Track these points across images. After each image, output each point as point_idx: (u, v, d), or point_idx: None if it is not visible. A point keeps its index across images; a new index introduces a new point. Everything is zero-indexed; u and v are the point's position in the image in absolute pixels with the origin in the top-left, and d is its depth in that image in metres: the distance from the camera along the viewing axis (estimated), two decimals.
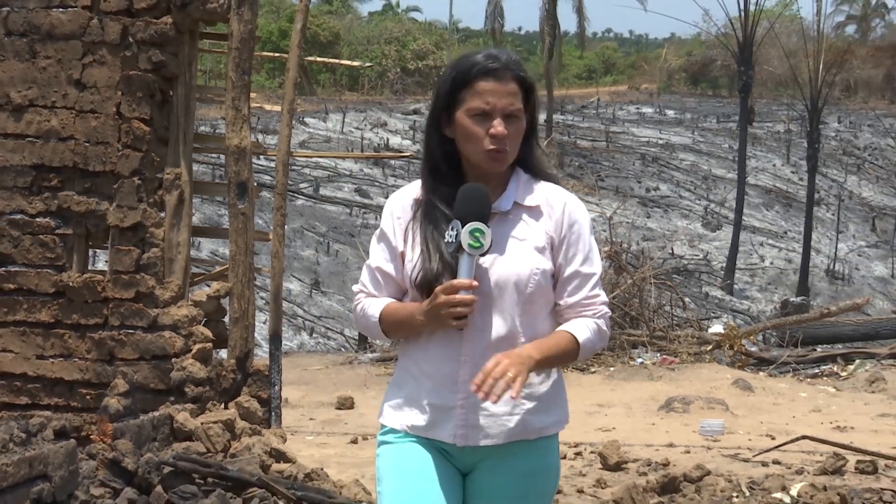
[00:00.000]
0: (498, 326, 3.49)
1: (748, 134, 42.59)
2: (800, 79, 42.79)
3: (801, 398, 14.47)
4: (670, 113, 59.90)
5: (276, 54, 12.98)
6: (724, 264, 38.85)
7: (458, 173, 3.58)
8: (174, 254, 8.61)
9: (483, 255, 3.39)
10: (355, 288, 3.72)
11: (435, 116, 3.59)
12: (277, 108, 10.14)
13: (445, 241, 3.43)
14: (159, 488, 7.02)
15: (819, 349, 20.66)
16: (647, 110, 60.40)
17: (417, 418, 3.56)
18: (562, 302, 3.59)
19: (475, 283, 3.37)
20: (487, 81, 3.46)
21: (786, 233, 44.97)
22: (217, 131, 9.32)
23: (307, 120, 43.50)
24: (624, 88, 69.59)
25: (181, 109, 8.65)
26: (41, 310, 8.55)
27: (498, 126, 3.44)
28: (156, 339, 8.41)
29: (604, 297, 3.64)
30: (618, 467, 9.55)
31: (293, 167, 32.35)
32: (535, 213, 3.57)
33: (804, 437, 10.37)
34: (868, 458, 9.72)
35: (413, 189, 3.66)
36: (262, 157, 10.30)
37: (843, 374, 17.88)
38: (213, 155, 10.05)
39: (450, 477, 3.58)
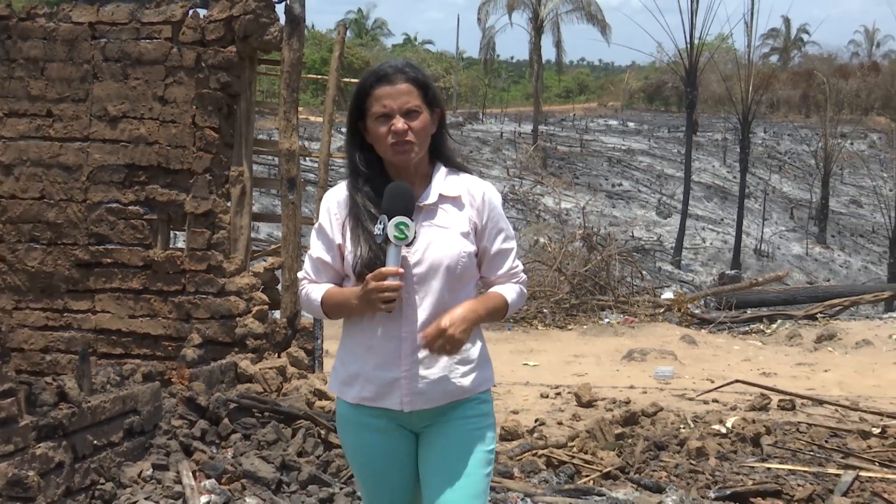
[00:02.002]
0: (432, 305, 3.30)
1: (693, 141, 42.48)
2: (734, 97, 42.67)
3: (735, 350, 14.45)
4: (631, 124, 59.86)
5: (319, 76, 12.92)
6: (674, 244, 38.81)
7: (382, 174, 3.37)
8: (238, 235, 8.60)
9: (409, 245, 3.22)
10: (300, 275, 3.53)
11: (352, 127, 3.40)
12: (319, 119, 10.11)
13: (375, 233, 3.23)
14: (226, 420, 7.02)
15: (749, 311, 20.64)
16: (613, 122, 60.36)
17: (366, 391, 3.36)
18: (491, 276, 3.45)
19: (401, 270, 3.20)
20: (382, 87, 3.27)
21: (722, 220, 44.91)
22: (272, 138, 9.29)
23: (343, 129, 43.39)
24: (594, 105, 69.53)
25: (243, 120, 8.62)
26: (132, 279, 8.55)
27: (397, 123, 3.23)
28: (223, 303, 8.40)
29: (520, 265, 3.50)
30: (589, 404, 9.52)
31: (332, 167, 32.24)
32: (458, 202, 3.37)
33: (737, 381, 10.35)
34: (788, 397, 9.70)
35: (346, 187, 3.46)
36: (307, 158, 10.25)
37: (768, 331, 17.85)
38: (269, 157, 10.02)
39: (403, 441, 3.44)
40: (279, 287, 8.95)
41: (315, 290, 3.43)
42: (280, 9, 8.50)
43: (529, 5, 52.17)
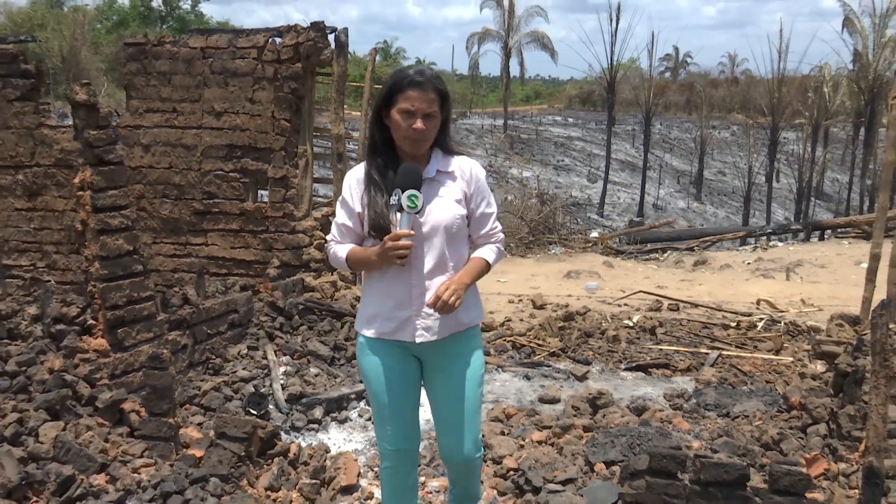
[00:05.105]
0: (434, 258, 2.98)
1: (612, 131, 42.16)
2: (640, 101, 42.35)
3: (639, 271, 14.45)
4: (570, 120, 59.30)
5: (358, 84, 12.75)
6: (599, 201, 38.68)
7: (393, 152, 3.02)
8: (303, 192, 8.54)
9: (418, 212, 2.90)
10: (328, 237, 3.16)
11: (377, 111, 3.02)
12: (358, 114, 10.02)
13: (391, 203, 2.91)
14: (297, 317, 7.03)
15: (648, 245, 20.66)
16: (558, 118, 59.77)
17: (385, 327, 3.05)
18: (474, 235, 3.11)
19: (412, 232, 2.88)
20: (414, 90, 2.90)
21: (631, 184, 44.64)
22: (326, 126, 9.16)
23: None
24: (546, 106, 68.73)
25: (307, 114, 8.52)
26: (232, 222, 8.51)
27: (418, 123, 2.90)
28: (294, 238, 8.37)
29: (499, 226, 3.17)
30: (541, 307, 9.54)
31: None
32: (452, 176, 3.03)
33: (640, 292, 10.37)
34: (674, 302, 9.72)
35: (363, 167, 3.11)
36: (350, 141, 10.19)
37: (661, 259, 17.88)
38: (324, 139, 9.94)
39: (411, 366, 3.13)
40: None
41: (341, 249, 3.10)
42: (331, 38, 8.39)
43: (502, 38, 51.48)
